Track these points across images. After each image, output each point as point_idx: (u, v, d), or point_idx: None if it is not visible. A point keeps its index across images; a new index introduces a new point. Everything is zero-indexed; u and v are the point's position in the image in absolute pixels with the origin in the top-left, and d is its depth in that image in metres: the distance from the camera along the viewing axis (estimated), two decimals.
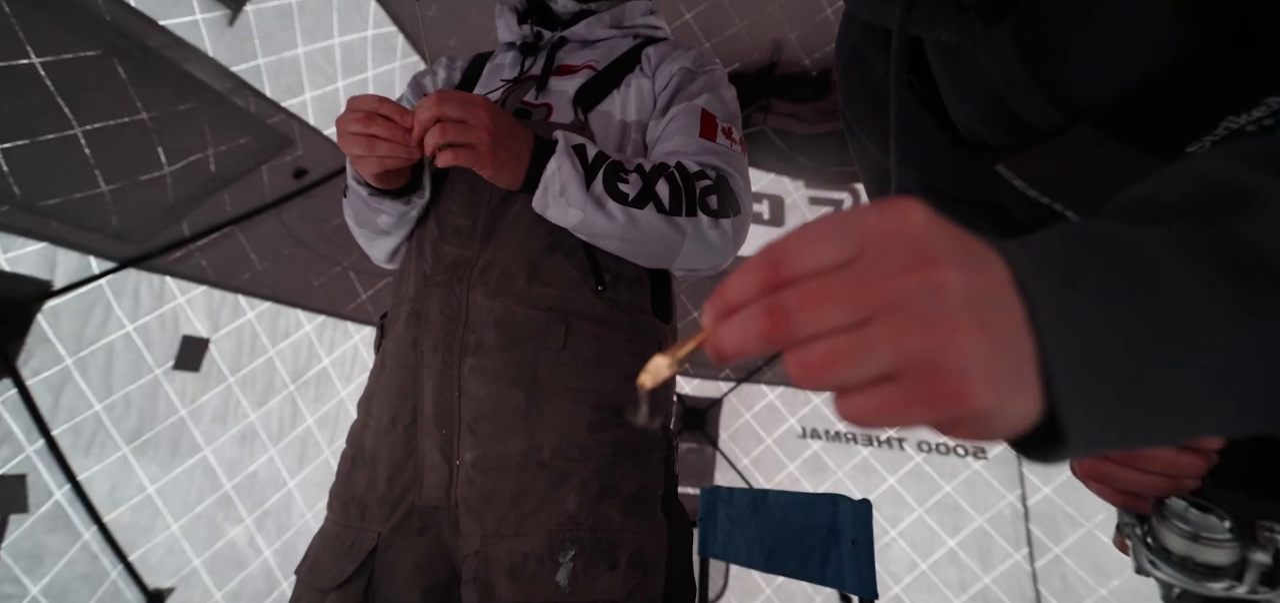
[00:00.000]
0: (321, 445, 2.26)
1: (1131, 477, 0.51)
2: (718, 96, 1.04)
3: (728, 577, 2.80)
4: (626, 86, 1.04)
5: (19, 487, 1.49)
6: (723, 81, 1.08)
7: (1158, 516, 0.49)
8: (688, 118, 0.99)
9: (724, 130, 1.00)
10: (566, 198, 0.86)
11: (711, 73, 1.07)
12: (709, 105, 1.01)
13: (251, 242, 1.97)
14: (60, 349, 1.57)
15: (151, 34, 1.46)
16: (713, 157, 0.96)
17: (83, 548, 1.59)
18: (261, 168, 1.89)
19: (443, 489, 0.87)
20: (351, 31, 1.94)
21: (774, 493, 1.60)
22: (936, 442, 2.95)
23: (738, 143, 1.02)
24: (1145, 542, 0.50)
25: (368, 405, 0.99)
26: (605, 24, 1.10)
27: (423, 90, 1.14)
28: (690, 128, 0.98)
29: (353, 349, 2.40)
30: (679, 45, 1.10)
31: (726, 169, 0.96)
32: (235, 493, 1.97)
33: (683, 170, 0.92)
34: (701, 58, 1.08)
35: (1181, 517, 0.48)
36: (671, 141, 0.98)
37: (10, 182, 1.37)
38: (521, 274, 0.91)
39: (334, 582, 0.86)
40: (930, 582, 2.79)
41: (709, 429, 3.07)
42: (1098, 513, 2.67)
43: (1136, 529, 0.51)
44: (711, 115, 1.00)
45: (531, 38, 1.10)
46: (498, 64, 1.13)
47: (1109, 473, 0.52)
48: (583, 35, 1.10)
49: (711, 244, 0.93)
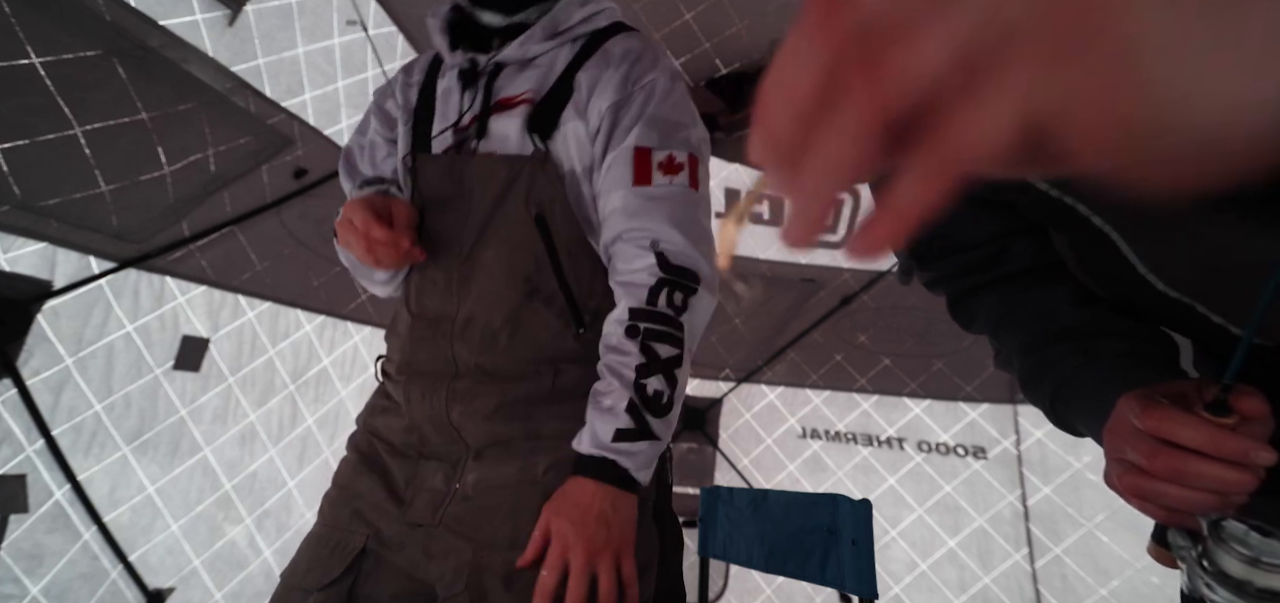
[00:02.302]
0: (321, 445, 2.26)
1: (1178, 494, 0.48)
2: (650, 119, 0.93)
3: (728, 577, 2.80)
4: (564, 126, 0.95)
5: (19, 487, 1.49)
6: (659, 92, 0.95)
7: (1214, 538, 0.48)
8: (621, 168, 0.92)
9: (660, 165, 0.91)
10: (648, 464, 0.84)
11: (648, 87, 0.95)
12: (642, 139, 0.92)
13: (251, 242, 1.97)
14: (60, 349, 1.57)
15: (151, 34, 1.46)
16: (647, 218, 0.89)
17: (83, 548, 1.59)
18: (261, 168, 1.89)
19: (432, 510, 0.89)
20: (351, 32, 1.94)
21: (774, 493, 1.60)
22: (936, 442, 2.95)
23: (677, 167, 0.92)
24: (1201, 564, 0.49)
25: (371, 424, 1.02)
26: (539, 38, 0.98)
27: (387, 117, 1.10)
28: (624, 179, 0.91)
29: (353, 349, 2.40)
30: (610, 59, 0.97)
31: (659, 231, 0.88)
32: (235, 493, 1.97)
33: (644, 310, 0.86)
34: (631, 73, 0.95)
35: (1241, 541, 0.47)
36: (610, 201, 0.92)
37: (10, 182, 1.36)
38: (504, 330, 0.91)
39: (319, 582, 0.88)
40: (930, 582, 2.79)
41: (709, 429, 3.07)
42: (1098, 513, 2.67)
43: (1192, 551, 0.50)
44: (644, 151, 0.91)
45: (467, 64, 1.00)
46: (446, 88, 1.04)
47: (1154, 490, 0.49)
48: (517, 56, 0.98)
49: (705, 316, 0.91)
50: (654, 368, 0.83)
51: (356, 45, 1.96)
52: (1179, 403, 0.49)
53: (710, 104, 2.61)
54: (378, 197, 0.94)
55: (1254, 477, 0.47)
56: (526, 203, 0.92)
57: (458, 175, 0.95)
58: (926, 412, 2.98)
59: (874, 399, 3.03)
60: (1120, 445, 0.52)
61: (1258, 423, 0.47)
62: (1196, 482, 0.47)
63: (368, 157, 1.11)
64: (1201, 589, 0.49)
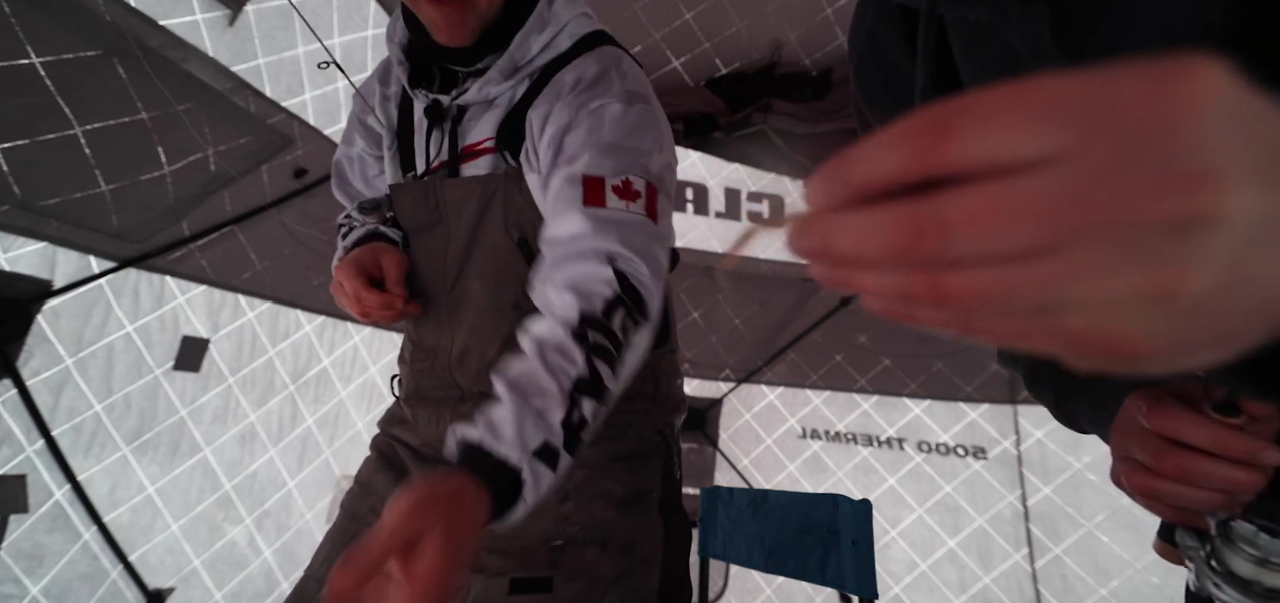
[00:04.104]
0: (321, 445, 2.26)
1: (1187, 493, 0.49)
2: (601, 147, 0.82)
3: (728, 577, 2.80)
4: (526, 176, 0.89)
5: (19, 487, 1.49)
6: (609, 117, 0.84)
7: (1223, 538, 0.49)
8: (568, 192, 0.80)
9: (614, 189, 0.79)
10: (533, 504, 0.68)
11: (596, 113, 0.84)
12: (592, 168, 0.80)
13: (251, 242, 1.97)
14: (60, 349, 1.57)
15: (151, 34, 1.46)
16: (602, 238, 0.77)
17: (83, 548, 1.59)
18: (261, 168, 1.89)
19: None
20: (351, 31, 1.94)
21: (774, 493, 1.60)
22: (936, 442, 2.95)
23: (634, 194, 0.81)
24: (1209, 564, 0.49)
25: (390, 430, 1.04)
26: (497, 80, 0.90)
27: (369, 132, 1.08)
28: (574, 201, 0.79)
29: (352, 349, 2.40)
30: (561, 91, 0.88)
31: (617, 251, 0.76)
32: (235, 493, 1.97)
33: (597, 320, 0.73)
34: (579, 100, 0.86)
35: (1250, 541, 0.48)
36: (554, 229, 0.80)
37: (10, 182, 1.36)
38: (499, 360, 0.85)
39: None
40: (930, 582, 2.79)
41: (709, 429, 3.06)
42: (1098, 513, 2.67)
43: (1200, 551, 0.51)
44: (596, 180, 0.80)
45: (430, 104, 0.94)
46: (419, 118, 0.99)
47: (1162, 490, 0.50)
48: (478, 98, 0.92)
49: (636, 364, 0.77)
50: (592, 388, 0.69)
51: (356, 45, 1.96)
52: (1186, 402, 0.49)
53: (710, 104, 2.61)
54: (366, 253, 0.93)
55: (1262, 476, 0.48)
56: (505, 227, 0.90)
57: (433, 202, 0.94)
58: (926, 412, 2.98)
59: (874, 399, 3.03)
60: (1128, 444, 0.52)
61: (1265, 422, 0.48)
62: (1205, 482, 0.48)
63: (358, 172, 1.11)
64: (1209, 589, 0.49)
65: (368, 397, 2.41)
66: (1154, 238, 0.18)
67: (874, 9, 0.67)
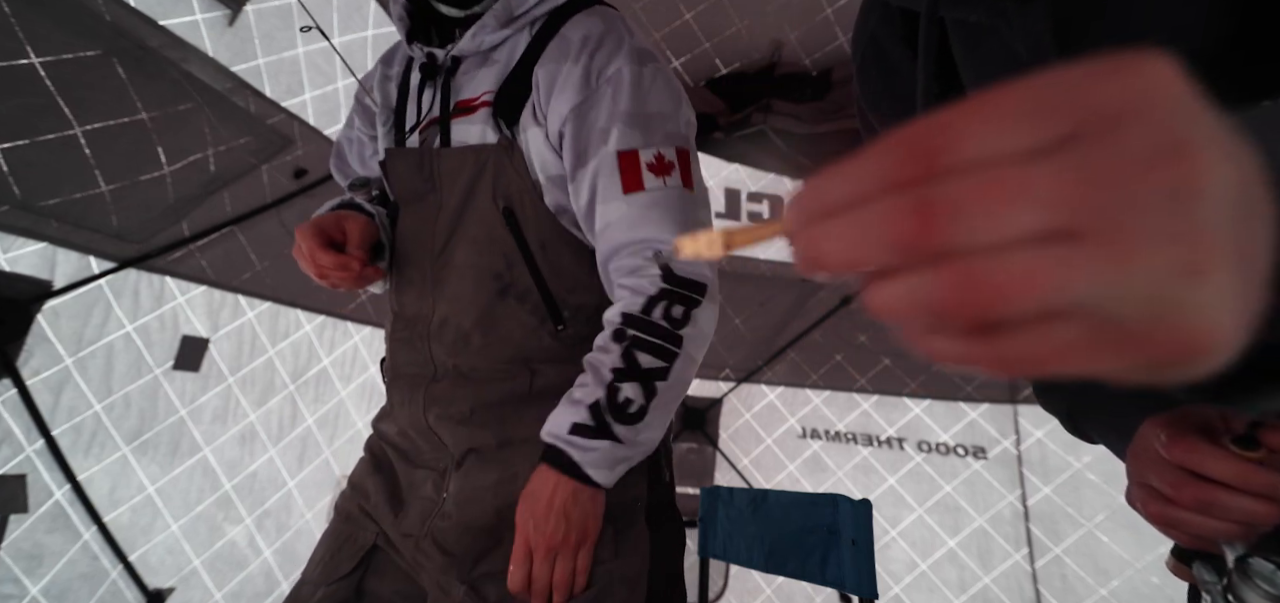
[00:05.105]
0: (321, 445, 2.26)
1: (1204, 524, 0.49)
2: (627, 117, 0.85)
3: (728, 577, 2.80)
4: (525, 130, 0.88)
5: (19, 487, 1.49)
6: (627, 83, 0.86)
7: (1240, 574, 0.49)
8: (608, 177, 0.84)
9: (650, 166, 0.84)
10: (608, 464, 0.80)
11: (614, 80, 0.86)
12: (623, 142, 0.84)
13: (251, 242, 1.97)
14: (60, 349, 1.57)
15: (151, 34, 1.46)
16: (646, 227, 0.83)
17: (83, 548, 1.59)
18: (261, 168, 1.89)
19: (420, 521, 0.89)
20: (351, 31, 1.94)
21: (774, 493, 1.60)
22: (936, 442, 2.95)
23: (668, 166, 0.85)
24: (1226, 599, 0.49)
25: (378, 428, 1.03)
26: (493, 26, 0.90)
27: (367, 113, 1.08)
28: (613, 189, 0.84)
29: (352, 349, 2.40)
30: (569, 49, 0.88)
31: (661, 239, 0.82)
32: (235, 493, 1.97)
33: (637, 318, 0.81)
34: (592, 66, 0.87)
35: (1268, 580, 0.47)
36: (603, 217, 0.85)
37: (10, 182, 1.36)
38: (476, 331, 0.88)
39: (330, 576, 0.90)
40: (930, 582, 2.79)
41: (709, 429, 3.06)
42: (1098, 513, 2.67)
43: (1217, 585, 0.51)
44: (630, 155, 0.84)
45: (425, 59, 0.95)
46: (416, 82, 1.00)
47: (1180, 519, 0.50)
48: (473, 49, 0.92)
49: (709, 326, 0.85)
50: (631, 375, 0.79)
51: (356, 45, 1.96)
52: (1205, 434, 0.49)
53: (710, 104, 2.61)
54: (330, 218, 0.92)
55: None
56: (494, 196, 0.88)
57: (427, 170, 0.93)
58: (926, 412, 2.98)
59: (874, 399, 3.03)
60: (1145, 471, 0.52)
61: None
62: (1224, 514, 0.48)
63: (356, 152, 1.11)
64: None
65: (368, 397, 2.41)
66: (1159, 207, 0.18)
67: (876, 14, 0.67)
